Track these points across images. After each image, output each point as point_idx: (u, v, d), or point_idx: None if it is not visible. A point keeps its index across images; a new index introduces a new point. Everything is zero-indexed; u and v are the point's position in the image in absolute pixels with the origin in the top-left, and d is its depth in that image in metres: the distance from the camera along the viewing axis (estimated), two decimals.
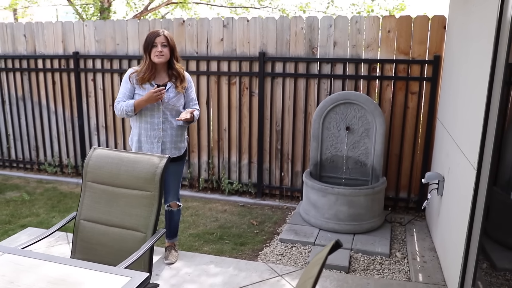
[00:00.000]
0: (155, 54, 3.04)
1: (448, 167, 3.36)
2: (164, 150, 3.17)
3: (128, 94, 3.10)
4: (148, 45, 3.06)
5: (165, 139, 3.17)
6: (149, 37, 3.06)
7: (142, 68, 3.10)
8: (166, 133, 3.16)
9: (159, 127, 3.13)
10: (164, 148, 3.17)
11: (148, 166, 2.30)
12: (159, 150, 3.15)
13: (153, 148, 3.15)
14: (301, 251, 3.61)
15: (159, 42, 3.03)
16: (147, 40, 3.06)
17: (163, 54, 3.05)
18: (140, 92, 3.08)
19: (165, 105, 3.12)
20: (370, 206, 3.87)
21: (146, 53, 3.07)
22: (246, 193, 4.96)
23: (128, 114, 3.07)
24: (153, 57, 3.05)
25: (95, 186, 2.40)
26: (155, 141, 3.15)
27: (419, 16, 4.10)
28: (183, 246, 3.71)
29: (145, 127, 3.13)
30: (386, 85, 4.29)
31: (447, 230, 3.24)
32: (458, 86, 3.25)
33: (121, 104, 3.08)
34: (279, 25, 4.47)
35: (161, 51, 3.03)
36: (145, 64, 3.08)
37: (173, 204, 3.38)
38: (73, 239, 2.42)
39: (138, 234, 2.27)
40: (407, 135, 4.33)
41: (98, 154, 2.44)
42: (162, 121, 3.13)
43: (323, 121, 4.16)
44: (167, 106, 3.13)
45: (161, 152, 3.15)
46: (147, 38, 3.07)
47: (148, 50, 3.06)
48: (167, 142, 3.18)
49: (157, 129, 3.13)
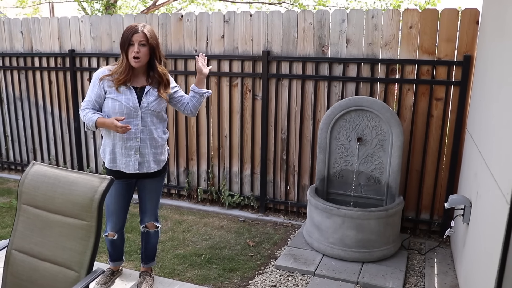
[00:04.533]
0: (132, 55, 2.58)
1: (476, 191, 2.77)
2: (142, 163, 2.72)
3: (95, 99, 2.65)
4: (124, 43, 2.59)
5: (143, 151, 2.71)
6: (126, 34, 2.59)
7: (117, 69, 2.64)
8: (145, 144, 2.71)
9: (136, 137, 2.68)
10: (142, 162, 2.72)
11: (85, 190, 1.86)
12: (136, 164, 2.71)
13: (130, 161, 2.70)
14: (298, 283, 3.09)
15: (137, 40, 2.56)
16: (123, 36, 2.59)
17: (140, 56, 2.57)
18: (114, 96, 2.62)
19: (144, 110, 2.67)
20: (383, 231, 3.31)
21: (123, 52, 2.61)
22: (248, 207, 4.48)
23: (88, 128, 2.64)
24: (130, 59, 2.59)
25: (30, 210, 1.99)
26: (131, 153, 2.69)
27: (446, 9, 3.49)
28: (165, 269, 3.27)
29: (120, 137, 2.67)
30: (406, 89, 3.71)
31: (472, 267, 2.65)
32: (491, 92, 2.66)
33: (85, 113, 2.64)
34: (285, 20, 3.96)
35: (138, 51, 2.56)
36: (121, 65, 2.63)
37: (150, 225, 2.94)
38: (3, 273, 2.01)
39: (71, 273, 1.83)
40: (431, 149, 3.73)
41: (36, 172, 2.02)
42: (141, 129, 2.68)
43: (331, 130, 3.62)
44: (146, 111, 2.68)
45: (138, 166, 2.72)
46: (123, 35, 2.59)
47: (125, 49, 2.59)
48: (145, 155, 2.72)
49: (134, 139, 2.68)
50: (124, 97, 2.62)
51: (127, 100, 2.62)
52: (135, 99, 2.64)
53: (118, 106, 2.62)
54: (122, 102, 2.61)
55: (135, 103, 2.64)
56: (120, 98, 2.62)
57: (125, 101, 2.62)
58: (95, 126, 2.59)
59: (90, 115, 2.60)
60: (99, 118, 2.59)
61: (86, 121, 2.62)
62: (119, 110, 2.61)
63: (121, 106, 2.61)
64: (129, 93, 2.63)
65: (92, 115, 2.60)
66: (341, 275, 3.13)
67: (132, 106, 2.63)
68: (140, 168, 2.73)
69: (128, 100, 2.62)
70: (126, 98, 2.62)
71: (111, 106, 2.63)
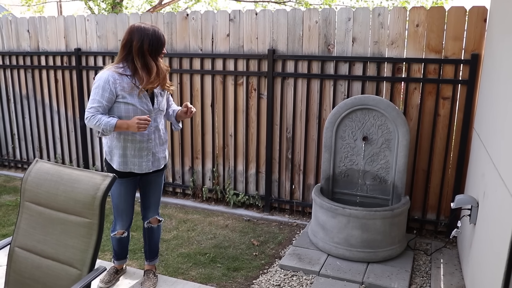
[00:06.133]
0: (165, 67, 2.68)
1: (483, 191, 2.73)
2: (153, 162, 2.74)
3: (106, 104, 2.53)
4: (159, 49, 2.59)
5: (155, 150, 2.73)
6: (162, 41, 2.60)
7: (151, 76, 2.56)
8: (156, 143, 2.73)
9: (149, 138, 2.68)
10: (153, 160, 2.74)
11: (88, 187, 1.86)
12: (149, 164, 2.71)
13: (142, 162, 2.69)
14: (302, 282, 3.07)
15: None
16: (158, 42, 2.56)
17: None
18: (128, 100, 2.54)
19: (156, 111, 2.68)
20: (388, 231, 3.28)
21: (152, 57, 2.57)
22: (252, 206, 4.46)
23: (103, 133, 2.53)
24: (163, 68, 2.64)
25: (32, 208, 1.99)
26: (144, 154, 2.68)
27: (454, 7, 3.45)
28: (169, 268, 3.26)
29: (133, 139, 2.63)
30: (413, 88, 3.67)
31: (479, 268, 2.61)
32: (499, 91, 2.62)
33: (98, 118, 2.49)
34: (290, 18, 3.94)
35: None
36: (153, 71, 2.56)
37: (153, 220, 2.94)
38: (7, 270, 2.01)
39: (73, 271, 1.83)
40: (437, 148, 3.69)
41: (39, 169, 2.02)
42: (153, 130, 2.69)
43: (337, 129, 3.59)
44: (158, 112, 2.70)
45: (151, 165, 2.73)
46: (159, 40, 2.57)
47: (157, 55, 2.61)
48: (156, 153, 2.75)
49: (147, 140, 2.68)
50: (138, 101, 2.58)
51: (141, 104, 2.59)
52: (149, 101, 2.64)
53: (132, 110, 2.57)
54: (137, 106, 2.58)
55: (149, 105, 2.64)
56: (134, 102, 2.57)
57: (139, 104, 2.58)
58: (113, 129, 2.51)
59: (106, 119, 2.49)
60: (118, 121, 2.50)
61: (103, 125, 2.48)
62: (134, 114, 2.57)
63: (135, 110, 2.57)
64: (143, 96, 2.60)
65: (109, 119, 2.49)
66: (346, 275, 3.10)
67: (147, 109, 2.62)
68: (152, 167, 2.74)
69: (142, 104, 2.60)
70: (141, 101, 2.59)
71: (124, 110, 2.56)
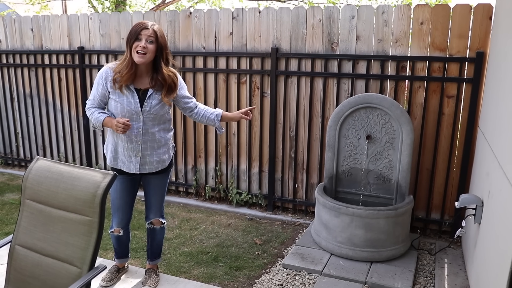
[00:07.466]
0: (135, 49, 2.48)
1: (488, 190, 2.70)
2: (143, 164, 2.70)
3: (100, 99, 2.62)
4: (131, 37, 2.50)
5: (145, 153, 2.68)
6: (134, 28, 2.51)
7: (119, 66, 2.56)
8: (146, 146, 2.68)
9: (138, 139, 2.65)
10: (144, 163, 2.69)
11: (88, 185, 1.85)
12: (137, 165, 2.68)
13: (131, 162, 2.68)
14: (305, 282, 3.05)
15: (145, 36, 2.48)
16: (131, 31, 2.52)
17: (146, 52, 2.48)
18: (116, 98, 2.57)
19: (146, 114, 2.61)
20: (392, 231, 3.25)
21: (128, 47, 2.53)
22: (255, 205, 4.45)
23: (95, 128, 2.63)
24: (133, 53, 2.50)
25: (33, 205, 1.98)
26: (133, 154, 2.66)
27: (458, 5, 3.41)
28: (171, 267, 3.25)
29: (123, 137, 2.64)
30: (417, 87, 3.64)
31: (484, 268, 2.58)
32: (505, 89, 2.59)
33: (92, 112, 2.63)
34: (294, 17, 3.92)
35: (145, 47, 2.47)
36: (124, 60, 2.56)
37: (155, 221, 2.92)
38: (7, 268, 2.01)
39: (73, 269, 1.82)
40: (442, 147, 3.66)
41: (40, 167, 2.02)
42: (142, 132, 2.64)
43: (340, 128, 3.57)
44: (148, 115, 2.62)
45: (139, 167, 2.69)
46: (132, 29, 2.52)
47: (131, 43, 2.51)
48: (147, 156, 2.69)
49: (136, 142, 2.65)
50: (126, 100, 2.57)
51: (128, 104, 2.57)
52: (137, 103, 2.58)
53: (120, 109, 2.58)
54: (124, 105, 2.57)
55: (137, 107, 2.58)
56: (122, 101, 2.57)
57: (126, 104, 2.57)
58: (101, 126, 2.59)
59: (97, 114, 2.59)
60: (106, 118, 2.58)
61: (93, 120, 2.61)
62: (121, 113, 2.58)
63: (123, 109, 2.58)
64: (131, 96, 2.57)
65: (99, 114, 2.59)
66: (349, 275, 3.08)
67: (134, 110, 2.58)
68: (142, 169, 2.71)
69: (130, 104, 2.57)
70: (128, 101, 2.57)
71: (114, 108, 2.61)
